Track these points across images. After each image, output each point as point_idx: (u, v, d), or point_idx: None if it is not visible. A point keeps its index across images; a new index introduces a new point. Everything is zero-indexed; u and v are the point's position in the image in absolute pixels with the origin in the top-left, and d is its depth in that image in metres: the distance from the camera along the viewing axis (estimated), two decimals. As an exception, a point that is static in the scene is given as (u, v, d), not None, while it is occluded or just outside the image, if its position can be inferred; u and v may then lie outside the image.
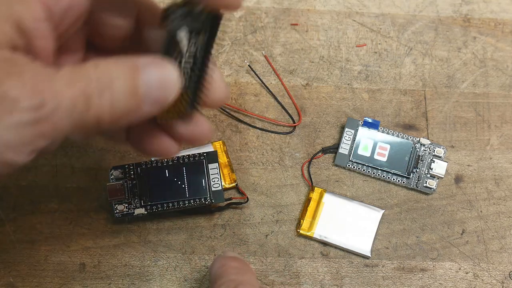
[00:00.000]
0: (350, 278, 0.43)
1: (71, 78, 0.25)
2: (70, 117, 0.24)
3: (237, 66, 0.48)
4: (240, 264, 0.37)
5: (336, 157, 0.45)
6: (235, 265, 0.36)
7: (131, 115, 0.26)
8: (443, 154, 0.45)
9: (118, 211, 0.42)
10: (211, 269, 0.37)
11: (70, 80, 0.24)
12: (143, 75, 0.26)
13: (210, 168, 0.43)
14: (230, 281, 0.34)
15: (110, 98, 0.25)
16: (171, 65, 0.28)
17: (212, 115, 0.47)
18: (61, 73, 0.25)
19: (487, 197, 0.45)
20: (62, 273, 0.42)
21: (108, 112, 0.25)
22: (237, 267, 0.36)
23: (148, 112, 0.27)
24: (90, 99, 0.25)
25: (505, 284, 0.43)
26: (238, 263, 0.37)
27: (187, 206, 0.42)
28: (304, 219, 0.44)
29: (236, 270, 0.36)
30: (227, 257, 0.37)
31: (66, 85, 0.24)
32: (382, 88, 0.48)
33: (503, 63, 0.49)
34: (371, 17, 0.50)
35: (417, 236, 0.44)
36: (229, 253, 0.38)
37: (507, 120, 0.48)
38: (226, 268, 0.36)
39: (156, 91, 0.27)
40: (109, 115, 0.25)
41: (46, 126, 0.24)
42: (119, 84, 0.25)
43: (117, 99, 0.25)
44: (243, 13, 0.50)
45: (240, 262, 0.37)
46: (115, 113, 0.26)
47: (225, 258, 0.37)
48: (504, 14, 0.51)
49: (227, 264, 0.36)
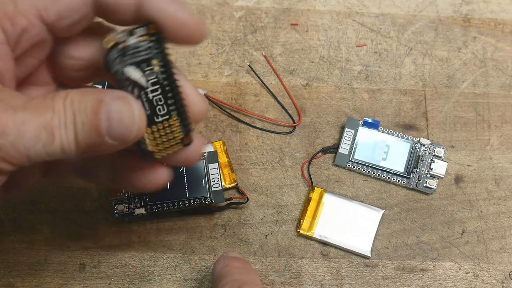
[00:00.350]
0: (350, 278, 0.43)
1: (37, 110, 0.26)
2: (34, 146, 0.26)
3: (237, 66, 0.48)
4: (243, 264, 0.37)
5: (336, 157, 0.45)
6: (238, 265, 0.36)
7: (96, 148, 0.27)
8: (443, 154, 0.45)
9: (118, 211, 0.42)
10: (214, 269, 0.37)
11: (36, 112, 0.26)
12: (105, 110, 0.27)
13: (210, 168, 0.43)
14: (234, 280, 0.34)
15: (74, 131, 0.26)
16: (134, 101, 0.28)
17: (212, 115, 0.47)
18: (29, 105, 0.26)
19: (487, 197, 0.45)
20: (62, 273, 0.42)
21: (73, 144, 0.27)
22: (240, 267, 0.36)
23: (113, 146, 0.28)
24: (53, 132, 0.26)
25: (505, 284, 0.43)
26: (241, 263, 0.37)
27: (187, 206, 0.42)
28: (304, 219, 0.44)
29: (239, 270, 0.36)
30: (230, 257, 0.37)
31: (31, 116, 0.26)
32: (382, 88, 0.48)
33: (503, 63, 0.49)
34: (371, 17, 0.50)
35: (417, 236, 0.44)
36: (232, 253, 0.38)
37: (507, 120, 0.48)
38: (229, 268, 0.36)
39: (117, 127, 0.27)
40: (74, 147, 0.27)
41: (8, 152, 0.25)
42: (82, 118, 0.26)
43: (80, 133, 0.26)
44: (243, 13, 0.50)
45: (243, 262, 0.37)
46: (79, 145, 0.27)
47: (228, 258, 0.37)
48: (504, 14, 0.51)
49: (230, 264, 0.36)
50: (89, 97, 0.27)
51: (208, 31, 0.49)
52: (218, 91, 0.47)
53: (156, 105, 0.30)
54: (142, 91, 0.30)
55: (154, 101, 0.30)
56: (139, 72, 0.30)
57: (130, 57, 0.29)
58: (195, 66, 0.48)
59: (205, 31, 0.30)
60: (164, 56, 0.30)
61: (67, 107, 0.26)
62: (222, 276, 0.35)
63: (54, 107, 0.26)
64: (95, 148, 0.27)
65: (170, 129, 0.31)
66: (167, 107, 0.31)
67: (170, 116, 0.31)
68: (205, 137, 0.46)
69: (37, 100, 0.26)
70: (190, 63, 0.48)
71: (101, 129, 0.27)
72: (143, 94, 0.30)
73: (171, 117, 0.31)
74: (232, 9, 0.50)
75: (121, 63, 0.29)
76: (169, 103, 0.31)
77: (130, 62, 0.29)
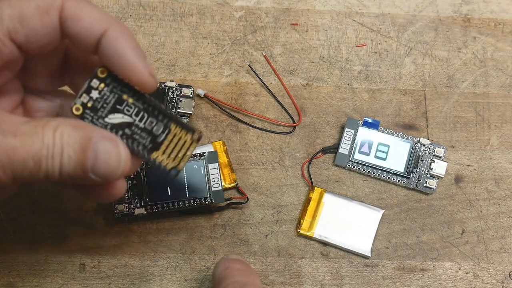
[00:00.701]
0: (350, 278, 0.43)
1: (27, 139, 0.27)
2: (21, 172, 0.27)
3: (237, 66, 0.48)
4: (243, 266, 0.37)
5: (336, 157, 0.45)
6: (239, 267, 0.36)
7: (78, 180, 0.29)
8: (443, 154, 0.45)
9: (118, 211, 0.42)
10: (214, 271, 0.37)
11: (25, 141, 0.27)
12: (93, 149, 0.28)
13: (210, 168, 0.43)
14: (235, 282, 0.35)
15: (59, 163, 0.28)
16: (121, 144, 0.30)
17: (212, 115, 0.47)
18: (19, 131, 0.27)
19: (487, 197, 0.45)
20: (62, 273, 0.42)
21: (57, 174, 0.28)
22: (241, 269, 0.36)
23: (94, 181, 0.29)
24: (40, 162, 0.27)
25: (505, 284, 0.43)
26: (242, 265, 0.37)
27: (187, 206, 0.42)
28: (304, 219, 0.44)
29: (240, 272, 0.36)
30: (230, 260, 0.37)
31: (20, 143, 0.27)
32: (382, 88, 0.48)
33: (503, 63, 0.49)
34: (371, 17, 0.50)
35: (417, 236, 0.44)
36: (232, 255, 0.39)
37: (507, 120, 0.48)
38: (230, 270, 0.36)
39: (102, 167, 0.29)
40: (57, 176, 0.28)
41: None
42: (70, 153, 0.28)
43: (65, 166, 0.28)
44: (243, 13, 0.50)
45: (244, 264, 0.37)
46: (62, 176, 0.28)
47: (228, 260, 0.37)
48: (504, 14, 0.51)
49: (231, 266, 0.36)
50: (79, 133, 0.28)
51: (208, 31, 0.49)
52: (218, 91, 0.47)
53: (152, 128, 0.31)
54: (133, 126, 0.31)
55: (147, 126, 0.31)
56: (119, 114, 0.31)
57: (104, 109, 0.31)
58: (195, 66, 0.48)
59: (155, 83, 0.31)
60: (126, 85, 0.31)
61: (57, 139, 0.28)
62: (223, 278, 0.35)
63: (43, 138, 0.27)
64: (76, 180, 0.29)
65: (177, 138, 0.32)
66: (162, 122, 0.32)
67: (169, 128, 0.31)
68: (205, 137, 0.46)
69: (28, 126, 0.28)
70: (190, 63, 0.48)
71: (86, 166, 0.28)
72: (135, 128, 0.31)
73: (170, 128, 0.31)
74: (232, 9, 0.50)
75: (100, 119, 0.31)
76: (160, 118, 0.32)
77: (106, 113, 0.31)
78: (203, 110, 0.47)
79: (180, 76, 0.48)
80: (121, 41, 0.30)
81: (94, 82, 0.31)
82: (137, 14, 0.49)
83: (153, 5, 0.49)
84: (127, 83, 0.31)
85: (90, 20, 0.29)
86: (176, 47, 0.48)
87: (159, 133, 0.31)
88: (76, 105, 0.31)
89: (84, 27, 0.29)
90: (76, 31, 0.30)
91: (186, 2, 0.50)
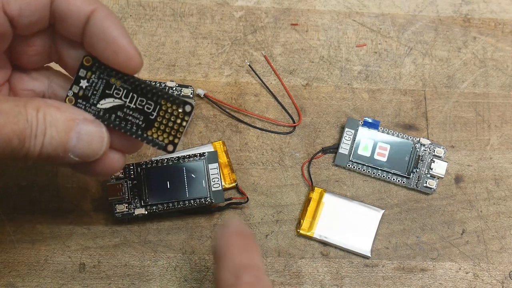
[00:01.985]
0: (350, 278, 0.43)
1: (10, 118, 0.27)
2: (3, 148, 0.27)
3: (237, 66, 0.48)
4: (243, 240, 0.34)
5: (336, 157, 0.45)
6: (239, 243, 0.34)
7: (54, 160, 0.29)
8: (443, 154, 0.45)
9: (118, 211, 0.42)
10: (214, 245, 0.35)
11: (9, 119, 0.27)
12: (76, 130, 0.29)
13: (210, 168, 0.43)
14: (233, 265, 0.32)
15: (41, 143, 0.28)
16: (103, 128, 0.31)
17: (212, 115, 0.47)
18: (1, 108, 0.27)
19: (487, 197, 0.45)
20: (62, 273, 0.42)
21: (37, 153, 0.28)
22: (240, 246, 0.34)
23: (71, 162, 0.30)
24: (24, 140, 0.28)
25: (505, 284, 0.43)
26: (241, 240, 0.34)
27: (187, 206, 0.42)
28: (304, 219, 0.44)
29: (239, 250, 0.33)
30: (230, 233, 0.34)
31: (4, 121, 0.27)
32: (382, 88, 0.48)
33: (503, 63, 0.49)
34: (371, 17, 0.50)
35: (417, 236, 0.44)
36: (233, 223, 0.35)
37: (507, 120, 0.48)
38: (228, 247, 0.33)
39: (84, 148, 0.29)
40: (37, 156, 0.29)
41: None
42: (53, 133, 0.28)
43: (47, 145, 0.28)
44: (243, 13, 0.50)
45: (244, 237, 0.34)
46: (41, 156, 0.29)
47: (228, 233, 0.34)
48: (504, 14, 0.51)
49: (230, 243, 0.34)
50: (62, 114, 0.29)
51: (208, 31, 0.49)
52: (218, 91, 0.47)
53: (144, 107, 0.32)
54: (124, 108, 0.32)
55: (138, 106, 0.32)
56: (110, 98, 0.32)
57: (94, 96, 0.32)
58: (195, 66, 0.48)
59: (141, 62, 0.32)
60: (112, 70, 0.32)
61: (40, 119, 0.28)
62: (221, 257, 0.33)
63: (27, 117, 0.28)
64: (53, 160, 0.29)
65: (169, 113, 0.32)
66: (152, 100, 0.32)
67: (160, 105, 0.32)
68: (205, 137, 0.46)
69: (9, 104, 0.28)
70: (190, 63, 0.48)
71: (68, 147, 0.29)
72: (127, 109, 0.32)
73: (161, 105, 0.32)
74: (232, 9, 0.50)
75: (93, 106, 0.32)
76: (149, 96, 0.32)
77: (97, 99, 0.32)
78: (203, 110, 0.47)
79: (180, 76, 0.48)
80: (108, 20, 0.31)
81: (82, 72, 0.32)
82: (137, 14, 0.49)
83: (153, 5, 0.49)
84: (113, 68, 0.32)
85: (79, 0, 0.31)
86: (176, 47, 0.48)
87: (151, 111, 0.32)
88: (68, 97, 0.32)
89: (74, 5, 0.30)
90: (65, 10, 0.30)
91: (186, 2, 0.50)
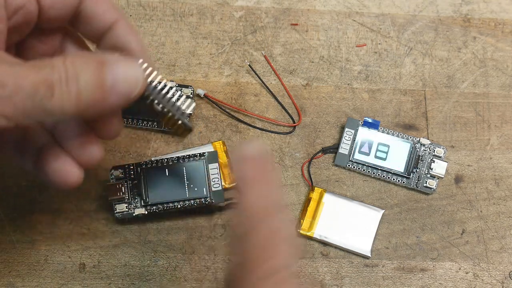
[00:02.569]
0: (350, 278, 0.43)
1: (35, 66, 0.26)
2: (32, 100, 0.25)
3: (237, 66, 0.48)
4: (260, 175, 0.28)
5: (336, 157, 0.45)
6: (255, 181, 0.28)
7: (97, 106, 0.27)
8: (443, 154, 0.45)
9: (118, 211, 0.42)
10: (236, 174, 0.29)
11: (34, 67, 0.26)
12: (110, 69, 0.27)
13: (210, 168, 0.43)
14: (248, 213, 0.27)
15: (76, 88, 0.26)
16: (136, 63, 0.29)
17: (212, 115, 0.47)
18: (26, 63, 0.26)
19: (487, 197, 0.45)
20: (62, 273, 0.42)
21: (74, 102, 0.26)
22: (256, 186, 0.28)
23: (114, 104, 0.28)
24: (53, 86, 0.25)
25: (505, 284, 0.43)
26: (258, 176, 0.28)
27: (187, 206, 0.42)
28: (304, 219, 0.44)
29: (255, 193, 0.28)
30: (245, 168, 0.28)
31: (28, 70, 0.25)
32: (382, 88, 0.48)
33: (503, 63, 0.49)
34: (371, 17, 0.50)
35: (417, 236, 0.44)
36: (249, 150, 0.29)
37: (507, 120, 0.48)
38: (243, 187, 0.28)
39: (122, 84, 0.28)
40: (74, 105, 0.26)
41: (5, 106, 0.25)
42: (86, 76, 0.26)
43: (83, 90, 0.26)
44: (243, 13, 0.50)
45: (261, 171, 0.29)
46: (80, 103, 0.26)
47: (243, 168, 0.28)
48: (504, 14, 0.51)
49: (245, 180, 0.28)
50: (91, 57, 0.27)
51: (208, 31, 0.49)
52: (218, 91, 0.47)
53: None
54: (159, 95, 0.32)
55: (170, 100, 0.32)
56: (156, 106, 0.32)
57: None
58: (195, 66, 0.48)
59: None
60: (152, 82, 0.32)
61: (68, 65, 0.26)
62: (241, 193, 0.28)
63: (53, 65, 0.26)
64: (95, 107, 0.27)
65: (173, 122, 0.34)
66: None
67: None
68: (205, 137, 0.46)
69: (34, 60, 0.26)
70: (190, 63, 0.48)
71: (105, 86, 0.27)
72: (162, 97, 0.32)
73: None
74: (232, 9, 0.50)
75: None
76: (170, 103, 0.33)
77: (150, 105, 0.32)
78: (203, 110, 0.47)
79: (180, 76, 0.48)
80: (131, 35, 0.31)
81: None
82: (137, 14, 0.49)
83: (153, 5, 0.49)
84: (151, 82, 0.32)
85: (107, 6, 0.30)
86: (176, 47, 0.48)
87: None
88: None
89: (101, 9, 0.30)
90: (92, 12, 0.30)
91: (186, 2, 0.50)
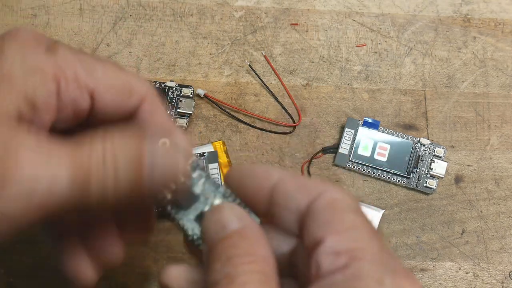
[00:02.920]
0: (350, 278, 0.43)
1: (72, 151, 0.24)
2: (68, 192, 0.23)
3: (237, 66, 0.48)
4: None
5: (336, 157, 0.45)
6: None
7: (132, 198, 0.24)
8: (443, 154, 0.45)
9: (118, 211, 0.42)
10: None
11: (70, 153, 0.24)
12: (149, 144, 0.24)
13: (210, 168, 0.43)
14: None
15: (114, 175, 0.24)
16: (180, 134, 0.25)
17: (212, 115, 0.47)
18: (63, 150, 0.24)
19: (487, 197, 0.45)
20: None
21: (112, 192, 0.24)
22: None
23: (153, 189, 0.24)
24: (90, 172, 0.23)
25: (505, 284, 0.43)
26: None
27: (187, 206, 0.42)
28: (304, 219, 0.44)
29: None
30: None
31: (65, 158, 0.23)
32: (382, 88, 0.48)
33: (503, 63, 0.49)
34: (371, 17, 0.50)
35: (417, 236, 0.44)
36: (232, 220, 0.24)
37: (507, 120, 0.48)
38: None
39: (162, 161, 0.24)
40: (111, 196, 0.24)
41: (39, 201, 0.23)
42: (125, 161, 0.24)
43: (121, 168, 0.24)
44: (243, 13, 0.50)
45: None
46: (117, 193, 0.24)
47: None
48: (504, 14, 0.51)
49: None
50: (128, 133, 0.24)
51: (208, 31, 0.49)
52: (218, 91, 0.47)
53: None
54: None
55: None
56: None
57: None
58: (195, 66, 0.48)
59: None
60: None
61: (108, 145, 0.24)
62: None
63: (92, 145, 0.24)
64: (131, 198, 0.24)
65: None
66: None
67: None
68: (205, 137, 0.46)
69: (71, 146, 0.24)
70: (190, 63, 0.48)
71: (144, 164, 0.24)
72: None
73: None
74: (232, 9, 0.50)
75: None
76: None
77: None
78: (203, 110, 0.47)
79: (180, 76, 0.48)
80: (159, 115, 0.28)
81: None
82: (137, 14, 0.49)
83: (153, 5, 0.49)
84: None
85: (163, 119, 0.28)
86: (176, 47, 0.48)
87: None
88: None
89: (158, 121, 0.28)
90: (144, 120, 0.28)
91: (186, 2, 0.50)
